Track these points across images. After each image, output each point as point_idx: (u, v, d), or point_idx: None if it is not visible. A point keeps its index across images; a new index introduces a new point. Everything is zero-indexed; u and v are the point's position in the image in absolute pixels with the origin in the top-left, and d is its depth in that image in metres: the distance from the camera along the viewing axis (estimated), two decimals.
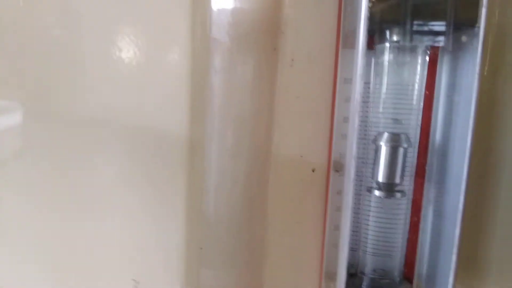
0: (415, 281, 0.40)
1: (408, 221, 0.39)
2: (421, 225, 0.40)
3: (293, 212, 0.42)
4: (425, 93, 0.38)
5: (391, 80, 0.37)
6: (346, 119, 0.39)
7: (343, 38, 0.38)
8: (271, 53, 0.40)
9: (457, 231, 0.35)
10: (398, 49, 0.36)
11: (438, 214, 0.38)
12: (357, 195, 0.39)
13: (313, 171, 0.41)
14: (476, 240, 0.41)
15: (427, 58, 0.37)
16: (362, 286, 0.39)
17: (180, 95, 0.40)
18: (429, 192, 0.39)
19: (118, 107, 0.41)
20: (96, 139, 0.41)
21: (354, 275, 0.40)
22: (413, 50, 0.36)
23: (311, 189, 0.42)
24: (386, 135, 0.36)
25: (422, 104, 0.38)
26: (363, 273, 0.40)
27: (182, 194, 0.42)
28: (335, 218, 0.40)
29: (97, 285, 0.44)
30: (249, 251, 0.43)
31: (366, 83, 0.37)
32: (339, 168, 0.40)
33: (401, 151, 0.36)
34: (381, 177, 0.36)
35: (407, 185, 0.38)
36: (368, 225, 0.39)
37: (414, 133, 0.37)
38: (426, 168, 0.39)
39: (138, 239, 0.43)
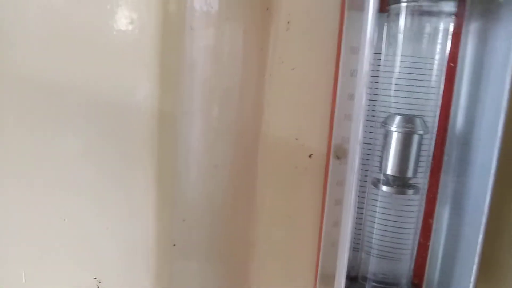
0: None
1: (420, 220, 0.33)
2: (434, 226, 0.34)
3: (285, 204, 0.36)
4: (447, 68, 0.31)
5: (406, 51, 0.30)
6: (351, 96, 0.33)
7: None
8: (263, 13, 0.33)
9: (481, 237, 0.29)
10: (416, 11, 0.29)
11: (456, 214, 0.32)
12: (362, 187, 0.33)
13: (309, 157, 0.35)
14: (499, 245, 0.35)
15: (452, 25, 0.30)
16: None
17: (148, 59, 0.34)
18: (446, 188, 0.33)
19: (74, 71, 0.34)
20: (50, 109, 0.35)
21: (354, 279, 0.35)
22: (435, 13, 0.30)
23: (307, 178, 0.35)
24: (398, 118, 0.30)
25: (443, 81, 0.31)
26: (365, 277, 0.34)
27: (151, 178, 0.36)
28: (334, 213, 0.34)
29: (55, 282, 0.38)
30: (232, 249, 0.37)
31: (377, 54, 0.31)
32: (341, 154, 0.33)
33: (415, 138, 0.30)
34: (390, 169, 0.30)
35: (422, 179, 0.32)
36: (373, 223, 0.33)
37: (433, 116, 0.31)
38: (444, 158, 0.33)
39: (99, 228, 0.37)
